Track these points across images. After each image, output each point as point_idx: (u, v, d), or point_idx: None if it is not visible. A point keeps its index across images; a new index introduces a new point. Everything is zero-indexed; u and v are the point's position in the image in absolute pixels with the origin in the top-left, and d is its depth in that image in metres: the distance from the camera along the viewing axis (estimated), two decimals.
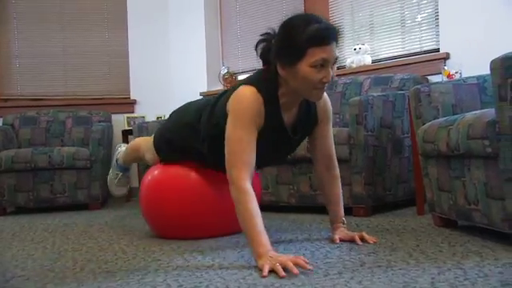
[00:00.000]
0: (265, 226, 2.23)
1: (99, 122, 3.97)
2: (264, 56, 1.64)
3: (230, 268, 1.45)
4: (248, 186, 1.53)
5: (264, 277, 1.33)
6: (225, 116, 1.62)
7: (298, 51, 1.50)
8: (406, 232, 1.93)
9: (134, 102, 4.35)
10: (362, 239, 1.73)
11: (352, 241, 1.73)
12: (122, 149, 2.43)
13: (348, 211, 2.49)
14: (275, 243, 1.83)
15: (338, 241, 1.75)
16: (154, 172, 2.07)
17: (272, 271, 1.35)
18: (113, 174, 2.43)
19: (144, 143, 2.19)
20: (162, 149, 2.04)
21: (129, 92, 4.37)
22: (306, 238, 1.91)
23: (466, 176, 1.70)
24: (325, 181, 1.86)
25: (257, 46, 1.65)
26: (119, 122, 4.18)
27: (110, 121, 4.08)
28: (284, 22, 1.58)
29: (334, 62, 1.55)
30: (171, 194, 1.98)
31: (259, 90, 1.58)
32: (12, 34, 4.26)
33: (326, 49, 1.50)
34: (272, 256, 1.41)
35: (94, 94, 4.36)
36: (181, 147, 1.95)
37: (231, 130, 1.58)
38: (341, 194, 1.87)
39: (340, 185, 1.87)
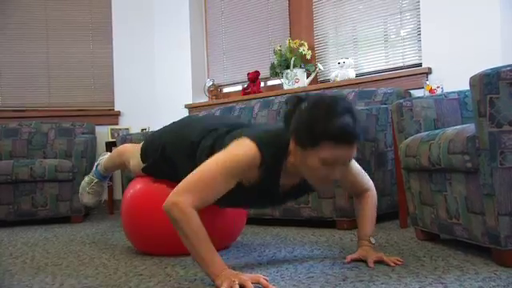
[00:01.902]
0: (248, 239, 2.23)
1: (83, 133, 3.94)
2: (285, 119, 1.49)
3: (213, 284, 1.44)
4: (193, 210, 1.42)
5: None
6: None
7: (312, 140, 1.38)
8: (388, 245, 1.94)
9: (118, 114, 4.32)
10: (381, 261, 1.59)
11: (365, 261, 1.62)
12: (105, 156, 2.33)
13: (332, 224, 2.51)
14: (258, 257, 1.82)
15: (348, 260, 1.64)
16: (136, 186, 2.04)
17: None
18: (88, 179, 2.31)
19: (131, 148, 2.10)
20: (149, 155, 1.94)
21: (113, 103, 4.35)
22: (289, 251, 1.91)
23: (448, 190, 1.72)
24: (357, 201, 1.78)
25: (285, 103, 1.52)
26: (103, 133, 4.15)
27: (93, 132, 4.05)
28: (314, 99, 1.44)
29: (349, 161, 1.45)
30: (153, 208, 1.90)
31: (262, 153, 1.46)
32: None
33: (342, 148, 1.38)
34: (230, 274, 1.36)
35: (78, 106, 4.33)
36: (170, 159, 1.85)
37: (215, 164, 1.47)
38: (371, 215, 1.74)
39: (371, 205, 1.75)
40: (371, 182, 1.79)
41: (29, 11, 4.28)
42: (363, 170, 1.77)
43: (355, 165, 1.71)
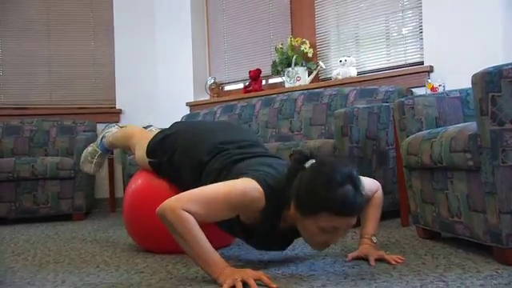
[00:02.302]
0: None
1: (84, 131, 3.94)
2: (289, 175, 1.47)
3: (214, 281, 1.44)
4: (187, 214, 1.40)
5: None
6: None
7: (311, 208, 1.36)
8: (390, 244, 1.94)
9: (119, 112, 4.32)
10: (382, 260, 1.59)
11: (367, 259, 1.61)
12: (113, 129, 2.29)
13: None
14: (259, 255, 1.82)
15: (349, 259, 1.64)
16: (138, 182, 2.03)
17: (233, 287, 1.32)
18: (91, 149, 2.30)
19: (139, 135, 2.07)
20: (157, 154, 1.91)
21: (114, 101, 4.35)
22: (290, 249, 1.91)
23: (449, 188, 1.72)
24: None
25: (290, 156, 1.51)
26: None
27: (95, 130, 4.05)
28: (317, 164, 1.42)
29: (349, 228, 1.43)
30: (154, 205, 1.92)
31: (267, 199, 1.45)
32: None
33: (342, 220, 1.36)
34: (232, 272, 1.37)
35: (79, 104, 4.33)
36: (177, 166, 1.83)
37: (218, 189, 1.46)
38: (375, 214, 1.72)
39: (377, 204, 1.73)
40: (376, 182, 1.76)
41: (31, 9, 4.27)
42: (365, 178, 1.66)
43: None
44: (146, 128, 2.37)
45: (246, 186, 1.45)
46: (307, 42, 3.57)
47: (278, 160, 1.70)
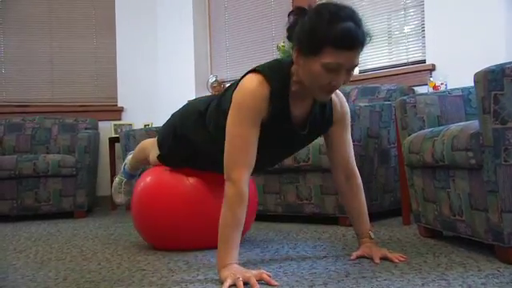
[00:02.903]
0: (251, 235, 2.23)
1: (86, 129, 3.95)
2: (289, 30, 1.48)
3: (215, 278, 1.44)
4: (247, 190, 1.45)
5: None
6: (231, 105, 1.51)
7: (314, 46, 1.36)
8: (391, 242, 1.94)
9: (121, 110, 4.33)
10: (385, 258, 1.58)
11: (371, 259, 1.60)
12: (130, 156, 2.32)
13: (334, 221, 2.51)
14: (261, 253, 1.82)
15: (353, 258, 1.62)
16: (147, 179, 2.02)
17: (233, 286, 1.32)
18: (118, 180, 2.33)
19: (151, 143, 2.10)
20: (164, 142, 1.92)
21: (116, 99, 4.35)
22: (291, 247, 1.91)
23: (451, 187, 1.71)
24: (344, 191, 1.73)
25: (288, 15, 1.50)
26: (106, 129, 4.15)
27: (96, 128, 4.06)
28: (317, 5, 1.42)
29: (352, 69, 1.42)
30: (164, 202, 1.90)
31: (267, 79, 1.46)
32: None
33: (345, 54, 1.35)
34: (235, 269, 1.38)
35: (81, 101, 4.33)
36: (185, 138, 1.82)
37: (232, 125, 1.47)
38: (363, 206, 1.72)
39: (362, 196, 1.73)
40: (357, 169, 1.76)
41: (32, 6, 4.28)
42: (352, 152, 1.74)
43: (349, 138, 1.71)
44: None
45: (243, 91, 1.47)
46: None
47: None
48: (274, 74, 1.49)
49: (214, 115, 1.66)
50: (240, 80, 1.54)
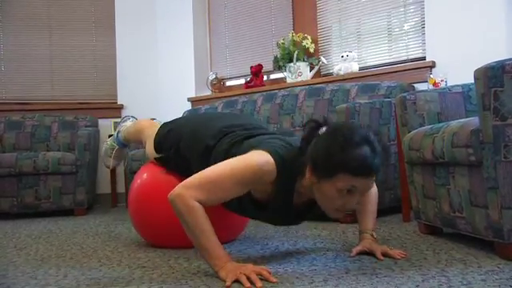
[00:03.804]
0: (251, 232, 2.23)
1: (85, 126, 3.95)
2: (303, 143, 1.47)
3: (216, 275, 1.44)
4: (197, 204, 1.40)
5: (228, 287, 1.30)
6: None
7: (329, 170, 1.35)
8: (391, 239, 1.94)
9: (121, 107, 4.32)
10: (386, 255, 1.58)
11: (372, 254, 1.60)
12: (127, 123, 2.30)
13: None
14: (261, 250, 1.83)
15: (354, 253, 1.62)
16: (144, 175, 2.01)
17: (236, 281, 1.33)
18: (110, 145, 2.31)
19: (149, 129, 2.06)
20: (163, 148, 1.91)
21: (116, 97, 4.35)
22: (291, 244, 1.91)
23: (451, 184, 1.72)
24: None
25: (303, 126, 1.51)
26: (106, 126, 4.15)
27: (96, 126, 4.06)
28: (333, 127, 1.42)
29: (367, 191, 1.43)
30: (161, 199, 1.90)
31: (278, 168, 1.44)
32: None
33: (360, 180, 1.35)
34: (234, 266, 1.37)
35: (81, 99, 4.33)
36: (184, 157, 1.81)
37: (228, 168, 1.44)
38: (373, 209, 1.72)
39: (374, 201, 1.73)
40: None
41: (32, 4, 4.27)
42: None
43: None
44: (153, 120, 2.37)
45: (255, 159, 1.44)
46: (309, 37, 3.56)
47: (290, 136, 1.67)
48: (286, 166, 1.46)
49: (219, 159, 1.60)
50: (258, 142, 1.54)
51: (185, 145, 1.82)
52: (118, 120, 4.22)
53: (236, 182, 1.43)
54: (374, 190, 1.74)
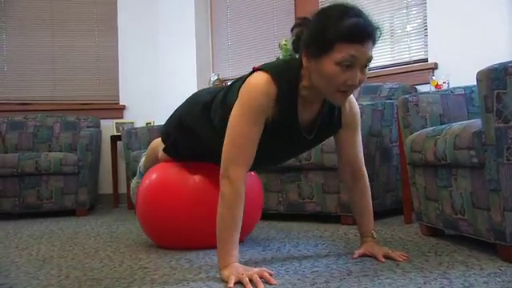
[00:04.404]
0: (252, 234, 2.23)
1: (87, 127, 3.95)
2: (295, 43, 1.47)
3: (217, 277, 1.44)
4: (244, 189, 1.43)
5: None
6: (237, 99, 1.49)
7: (325, 44, 1.34)
8: (393, 241, 1.94)
9: (123, 108, 4.33)
10: (387, 257, 1.57)
11: (374, 257, 1.60)
12: (143, 158, 2.32)
13: (336, 219, 2.51)
14: (262, 251, 1.83)
15: (356, 256, 1.62)
16: (152, 176, 1.99)
17: (238, 283, 1.33)
18: (135, 183, 2.32)
19: (160, 146, 2.07)
20: (170, 133, 1.91)
21: (118, 97, 4.35)
22: (293, 246, 1.91)
23: (453, 185, 1.71)
24: (352, 191, 1.72)
25: (291, 30, 1.49)
26: (108, 127, 4.16)
27: (98, 126, 4.06)
28: (322, 8, 1.44)
29: (366, 64, 1.38)
30: (169, 200, 1.88)
31: (275, 79, 1.43)
32: (0, 38, 4.22)
33: (358, 47, 1.33)
34: (238, 267, 1.38)
35: (83, 99, 4.34)
36: (190, 129, 1.80)
37: (235, 120, 1.45)
38: (369, 206, 1.71)
39: (368, 196, 1.71)
40: (365, 169, 1.74)
41: (34, 4, 4.28)
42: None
43: (359, 139, 1.68)
44: None
45: (249, 88, 1.44)
46: None
47: None
48: (282, 75, 1.45)
49: (219, 108, 1.62)
50: (247, 76, 1.51)
51: (185, 116, 1.82)
52: (121, 121, 4.26)
53: (248, 121, 1.42)
54: (367, 182, 1.72)
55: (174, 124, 1.89)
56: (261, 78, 1.44)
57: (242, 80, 1.54)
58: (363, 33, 1.35)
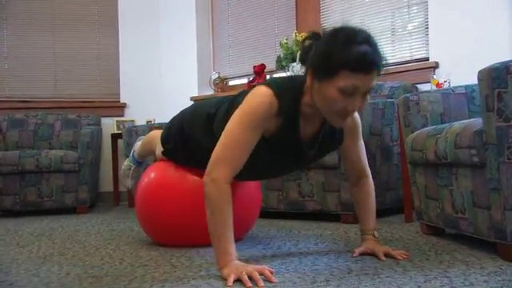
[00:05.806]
0: (253, 232, 2.23)
1: (88, 125, 3.95)
2: (302, 55, 1.48)
3: (218, 274, 1.44)
4: (228, 188, 1.43)
5: (230, 287, 1.30)
6: None
7: (330, 69, 1.34)
8: (393, 240, 1.94)
9: (123, 106, 4.33)
10: (388, 255, 1.58)
11: (375, 255, 1.60)
12: (139, 142, 2.32)
13: (336, 218, 2.51)
14: (263, 249, 1.83)
15: (356, 254, 1.63)
16: (151, 175, 2.00)
17: (237, 281, 1.33)
18: (127, 165, 2.32)
19: (158, 137, 2.07)
20: (171, 138, 1.91)
21: (119, 95, 4.35)
22: (293, 244, 1.91)
23: (454, 184, 1.71)
24: (355, 190, 1.75)
25: (302, 41, 1.50)
26: (109, 125, 4.16)
27: (99, 124, 4.06)
28: (333, 29, 1.42)
29: (368, 92, 1.39)
30: (168, 198, 1.89)
31: (277, 94, 1.44)
32: (1, 35, 4.23)
33: (362, 77, 1.33)
34: (237, 265, 1.37)
35: (84, 97, 4.34)
36: (192, 139, 1.81)
37: (232, 123, 1.46)
38: (372, 206, 1.73)
39: (372, 196, 1.74)
40: (369, 170, 1.76)
41: (36, 3, 4.28)
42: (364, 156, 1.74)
43: (362, 144, 1.70)
44: None
45: (252, 99, 1.45)
46: None
47: None
48: (286, 91, 1.46)
49: (222, 120, 1.61)
50: (251, 89, 1.53)
51: (188, 124, 1.83)
52: (121, 119, 4.26)
53: (245, 130, 1.43)
54: (372, 183, 1.75)
55: (175, 130, 1.90)
56: (264, 91, 1.45)
57: (244, 93, 1.55)
58: (368, 63, 1.34)
